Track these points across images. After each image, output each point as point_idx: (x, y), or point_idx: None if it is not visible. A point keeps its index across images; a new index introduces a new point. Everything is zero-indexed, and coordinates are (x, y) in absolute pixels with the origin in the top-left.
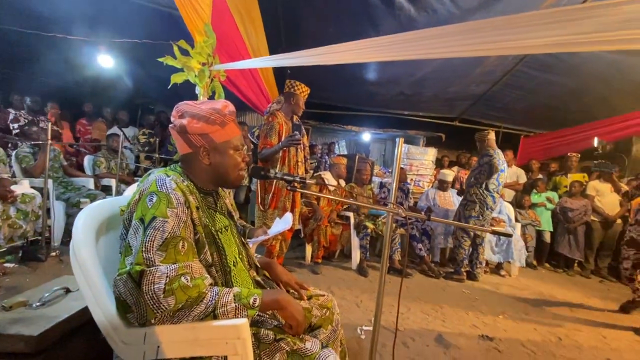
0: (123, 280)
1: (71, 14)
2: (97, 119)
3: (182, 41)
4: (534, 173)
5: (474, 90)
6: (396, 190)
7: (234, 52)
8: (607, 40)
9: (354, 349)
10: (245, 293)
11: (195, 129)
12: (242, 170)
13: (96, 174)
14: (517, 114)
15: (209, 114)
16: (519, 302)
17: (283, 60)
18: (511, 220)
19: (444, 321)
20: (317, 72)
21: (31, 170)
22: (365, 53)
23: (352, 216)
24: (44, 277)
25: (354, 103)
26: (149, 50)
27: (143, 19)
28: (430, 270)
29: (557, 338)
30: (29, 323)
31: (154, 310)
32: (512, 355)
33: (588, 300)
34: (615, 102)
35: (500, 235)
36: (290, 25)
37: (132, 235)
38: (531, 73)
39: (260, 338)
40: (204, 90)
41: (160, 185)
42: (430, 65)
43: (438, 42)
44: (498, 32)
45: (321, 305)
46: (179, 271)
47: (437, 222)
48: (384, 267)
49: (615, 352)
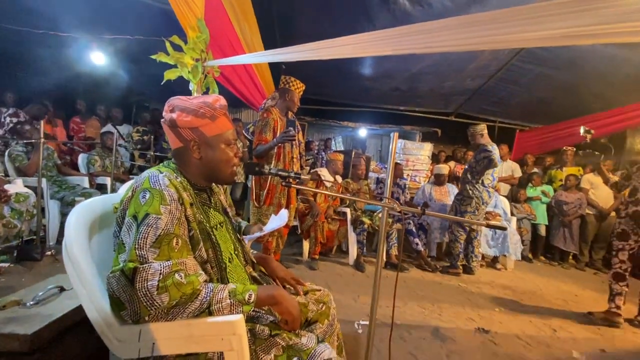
0: (116, 278)
1: (62, 11)
2: (90, 117)
3: (175, 37)
4: (529, 167)
5: (469, 84)
6: (391, 185)
7: (228, 48)
8: (607, 33)
9: (351, 343)
10: (240, 289)
11: (185, 123)
12: (234, 166)
13: (91, 172)
14: (512, 109)
15: (198, 107)
16: (515, 295)
17: (278, 56)
18: (507, 214)
19: (440, 315)
20: (313, 67)
21: (25, 170)
22: (361, 48)
23: (348, 212)
24: (39, 276)
25: (350, 98)
26: (142, 47)
27: (135, 15)
28: (427, 265)
29: (551, 330)
30: (23, 322)
31: (147, 308)
32: (507, 348)
33: (583, 292)
34: (609, 96)
35: (495, 228)
36: (284, 20)
37: (125, 233)
38: (526, 67)
39: (256, 334)
40: (197, 86)
41: (154, 182)
42: (426, 60)
43: (433, 36)
44: (494, 26)
45: (317, 300)
46: (173, 268)
47: (433, 216)
48: (380, 262)
49: (609, 342)
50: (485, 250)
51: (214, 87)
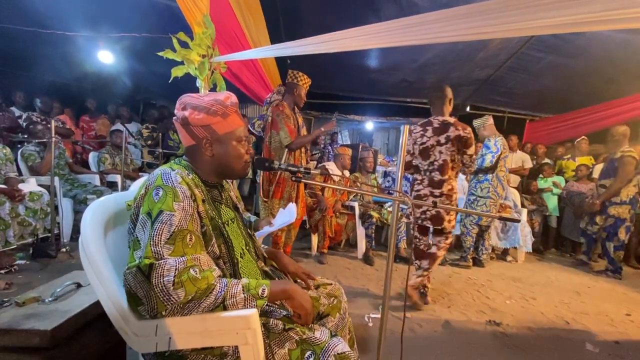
0: (132, 274)
1: (69, 10)
2: (99, 115)
3: (181, 33)
4: (539, 158)
5: (478, 74)
6: (401, 178)
7: (234, 43)
8: (618, 18)
9: (361, 336)
10: (253, 284)
11: (197, 121)
12: (246, 162)
13: (101, 170)
14: (522, 98)
15: (210, 105)
16: (526, 287)
17: (284, 50)
18: (517, 206)
19: (451, 307)
20: (318, 61)
21: (38, 169)
22: (367, 40)
23: (357, 206)
24: (55, 272)
25: (356, 92)
26: (149, 45)
27: (141, 13)
28: None
29: (564, 322)
30: (42, 318)
31: (164, 303)
32: (519, 340)
33: (595, 283)
34: (622, 83)
35: (508, 221)
36: (290, 13)
37: (140, 229)
38: (536, 55)
39: (269, 328)
40: (205, 83)
41: (166, 179)
42: (433, 51)
43: (441, 26)
44: (504, 14)
45: (329, 294)
46: (188, 263)
47: (443, 209)
48: (391, 256)
49: (623, 335)
50: (495, 242)
51: (222, 83)
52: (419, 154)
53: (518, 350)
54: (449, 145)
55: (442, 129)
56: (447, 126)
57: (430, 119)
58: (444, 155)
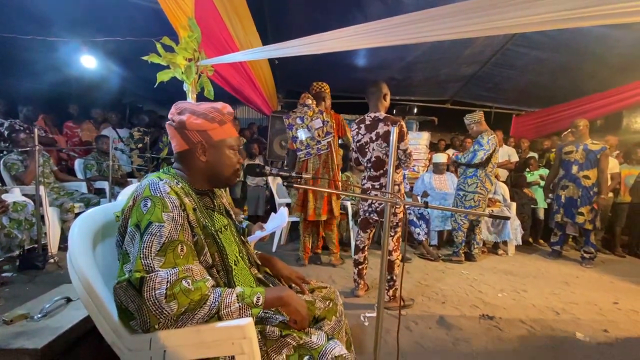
0: (123, 288)
1: (51, 14)
2: (84, 121)
3: (166, 38)
4: (523, 152)
5: (464, 71)
6: (393, 178)
7: (221, 46)
8: (606, 14)
9: (358, 336)
10: (248, 292)
11: (195, 125)
12: (236, 170)
13: (88, 177)
14: (508, 93)
15: (208, 112)
16: (517, 280)
17: (271, 52)
18: (506, 200)
19: (445, 303)
20: (306, 60)
21: (22, 178)
22: (354, 40)
23: (349, 205)
24: (43, 285)
25: (345, 91)
26: (134, 48)
27: (126, 16)
28: (429, 254)
29: (554, 313)
30: (31, 336)
31: (157, 316)
32: (512, 333)
33: (583, 273)
34: (605, 76)
35: (498, 218)
36: (277, 13)
37: (129, 242)
38: (520, 51)
39: (266, 335)
40: (192, 87)
41: (154, 190)
42: (420, 49)
43: (427, 25)
44: (488, 12)
45: (324, 297)
46: (180, 275)
47: (435, 209)
48: (385, 255)
49: (612, 323)
50: (485, 236)
51: (209, 87)
52: (358, 150)
53: (512, 342)
54: (380, 141)
55: (372, 125)
56: (377, 122)
57: (365, 115)
58: (376, 152)
